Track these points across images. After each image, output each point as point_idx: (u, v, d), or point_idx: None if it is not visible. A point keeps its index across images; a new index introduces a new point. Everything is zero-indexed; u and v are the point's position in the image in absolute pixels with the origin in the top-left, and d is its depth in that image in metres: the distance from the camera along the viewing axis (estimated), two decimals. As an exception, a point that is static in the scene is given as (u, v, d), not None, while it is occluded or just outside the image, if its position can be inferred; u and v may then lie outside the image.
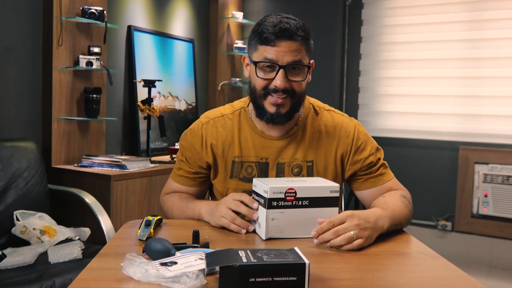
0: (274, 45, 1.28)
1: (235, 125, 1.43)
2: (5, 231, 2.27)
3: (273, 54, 1.28)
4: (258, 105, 1.36)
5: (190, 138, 1.47)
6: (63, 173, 2.81)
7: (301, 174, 1.40)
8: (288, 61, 1.29)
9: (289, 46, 1.28)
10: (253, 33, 1.33)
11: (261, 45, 1.30)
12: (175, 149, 3.39)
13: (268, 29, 1.27)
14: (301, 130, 1.42)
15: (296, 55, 1.29)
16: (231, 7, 4.35)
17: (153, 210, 2.90)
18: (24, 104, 2.81)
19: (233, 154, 1.42)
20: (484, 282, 3.29)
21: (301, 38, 1.29)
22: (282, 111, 1.33)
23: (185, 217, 1.42)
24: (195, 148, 1.45)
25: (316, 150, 1.41)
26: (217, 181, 1.46)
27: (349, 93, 4.23)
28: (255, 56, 1.33)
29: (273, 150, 1.40)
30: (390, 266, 1.05)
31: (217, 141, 1.43)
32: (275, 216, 1.18)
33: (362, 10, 4.15)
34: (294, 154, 1.40)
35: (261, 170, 1.40)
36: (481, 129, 3.71)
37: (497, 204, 3.57)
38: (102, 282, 0.90)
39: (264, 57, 1.29)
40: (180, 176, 1.50)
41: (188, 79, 4.03)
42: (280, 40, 1.27)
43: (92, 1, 3.01)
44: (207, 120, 1.46)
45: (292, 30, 1.27)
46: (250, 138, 1.41)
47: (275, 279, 0.84)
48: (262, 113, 1.35)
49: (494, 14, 3.65)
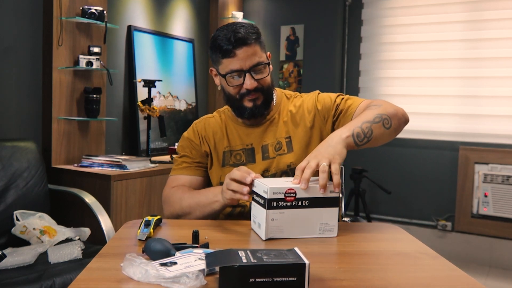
0: (234, 56, 1.43)
1: (222, 122, 1.61)
2: (5, 231, 2.27)
3: (237, 64, 1.43)
4: (237, 106, 1.51)
5: (187, 136, 1.62)
6: (63, 173, 2.81)
7: (281, 149, 1.53)
8: (250, 65, 1.44)
9: (246, 51, 1.43)
10: (212, 49, 1.48)
11: (223, 59, 1.45)
12: (175, 149, 3.39)
13: (225, 42, 1.42)
14: (277, 114, 1.57)
15: (254, 57, 1.44)
16: (231, 7, 4.35)
17: (153, 210, 2.90)
18: (24, 104, 2.81)
19: (223, 145, 1.57)
20: (484, 282, 3.29)
21: (254, 40, 1.44)
22: (258, 103, 1.49)
23: (196, 203, 1.42)
24: (194, 142, 1.59)
25: (292, 127, 1.55)
26: (212, 171, 1.58)
27: (349, 93, 4.23)
28: (221, 69, 1.48)
29: (256, 135, 1.55)
30: (390, 266, 1.05)
31: (209, 135, 1.59)
32: (275, 216, 1.18)
33: (362, 10, 4.15)
34: (274, 134, 1.55)
35: (248, 155, 1.55)
36: (481, 129, 3.72)
37: (497, 204, 3.57)
38: (102, 282, 0.90)
39: (230, 69, 1.45)
40: (184, 168, 1.58)
41: (188, 79, 4.03)
42: (237, 49, 1.42)
43: (92, 1, 3.01)
44: (199, 120, 1.65)
45: (244, 37, 1.42)
46: (235, 130, 1.58)
47: (275, 279, 0.84)
48: (243, 112, 1.51)
49: (494, 14, 3.65)
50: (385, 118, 1.37)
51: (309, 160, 1.23)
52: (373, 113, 1.37)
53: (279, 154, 1.51)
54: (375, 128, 1.34)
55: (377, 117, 1.36)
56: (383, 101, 1.45)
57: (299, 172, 1.21)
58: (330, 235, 1.23)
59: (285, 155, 1.51)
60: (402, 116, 1.43)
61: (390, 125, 1.38)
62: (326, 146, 1.26)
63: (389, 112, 1.39)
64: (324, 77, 4.18)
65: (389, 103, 1.44)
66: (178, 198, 1.48)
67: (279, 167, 1.50)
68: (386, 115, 1.37)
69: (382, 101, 1.45)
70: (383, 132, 1.36)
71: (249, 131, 1.56)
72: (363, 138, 1.32)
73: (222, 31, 1.45)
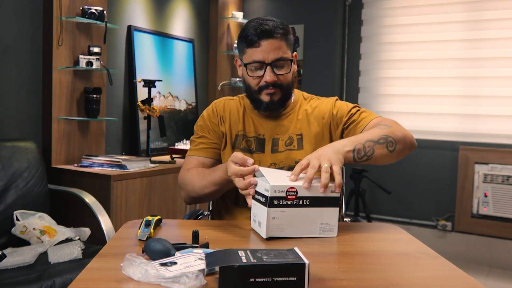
0: (258, 46, 1.46)
1: (240, 106, 1.64)
2: (5, 231, 2.27)
3: (259, 55, 1.47)
4: (254, 98, 1.55)
5: (206, 115, 1.64)
6: (63, 173, 2.81)
7: (292, 144, 1.57)
8: (272, 59, 1.47)
9: (271, 44, 1.46)
10: (239, 38, 1.52)
11: (248, 48, 1.49)
12: (175, 149, 3.39)
13: (251, 32, 1.46)
14: (292, 111, 1.61)
15: (278, 52, 1.47)
16: (231, 7, 4.35)
17: (153, 210, 2.90)
18: (24, 104, 2.81)
19: (237, 129, 1.60)
20: (484, 282, 3.29)
21: (281, 35, 1.47)
22: (275, 98, 1.53)
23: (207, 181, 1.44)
24: (212, 121, 1.62)
25: (305, 125, 1.58)
26: (225, 152, 1.61)
27: (349, 93, 4.23)
28: (244, 58, 1.52)
29: (269, 127, 1.59)
30: (390, 266, 1.05)
31: (226, 116, 1.62)
32: (275, 215, 1.18)
33: (362, 10, 4.15)
34: (287, 130, 1.59)
35: (258, 144, 1.58)
36: (481, 129, 3.71)
37: (497, 204, 3.57)
38: (102, 282, 0.90)
39: (253, 60, 1.48)
40: (201, 149, 1.60)
41: (188, 79, 4.03)
42: (263, 40, 1.45)
43: (92, 1, 3.01)
44: (219, 100, 1.67)
45: (271, 29, 1.45)
46: (251, 117, 1.61)
47: (275, 279, 0.84)
48: (259, 104, 1.54)
49: (494, 14, 3.65)
50: (390, 141, 1.38)
51: (309, 159, 1.24)
52: (380, 133, 1.38)
53: (289, 149, 1.55)
54: (377, 149, 1.35)
55: (382, 138, 1.37)
56: (394, 123, 1.47)
57: (298, 169, 1.22)
58: (330, 235, 1.23)
59: (294, 151, 1.55)
60: (409, 141, 1.44)
61: (394, 149, 1.39)
62: (328, 149, 1.28)
63: (397, 135, 1.40)
64: (324, 77, 4.18)
65: (399, 126, 1.45)
66: (190, 179, 1.51)
67: (287, 162, 1.53)
68: (392, 137, 1.39)
69: (393, 122, 1.46)
70: (385, 154, 1.37)
71: (263, 121, 1.60)
72: (363, 155, 1.33)
73: (252, 22, 1.49)
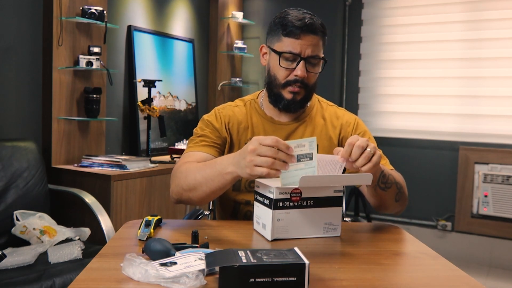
0: (298, 38, 1.39)
1: (247, 112, 1.55)
2: (5, 231, 2.27)
3: (298, 47, 1.39)
4: (275, 92, 1.47)
5: (207, 119, 1.54)
6: (63, 173, 2.81)
7: None
8: (309, 54, 1.41)
9: (311, 40, 1.40)
10: (277, 25, 1.43)
11: (286, 37, 1.40)
12: (175, 149, 3.39)
13: (294, 23, 1.38)
14: (308, 117, 1.55)
15: (316, 49, 1.41)
16: (231, 7, 4.35)
17: (153, 210, 2.90)
18: (24, 104, 2.81)
19: (246, 136, 1.52)
20: (484, 282, 3.29)
21: (321, 34, 1.43)
22: (297, 98, 1.46)
23: (202, 176, 1.26)
24: (214, 126, 1.52)
25: (320, 135, 1.53)
26: None
27: (349, 93, 4.23)
28: (278, 46, 1.43)
29: (282, 133, 1.51)
30: (390, 266, 1.05)
31: (232, 123, 1.53)
32: (280, 216, 1.17)
33: (362, 10, 4.15)
34: (300, 137, 1.51)
35: None
36: (481, 129, 3.71)
37: (497, 204, 3.57)
38: (102, 282, 0.90)
39: (289, 50, 1.40)
40: (202, 146, 1.47)
41: (188, 79, 4.03)
42: (304, 33, 1.39)
43: (92, 1, 3.01)
44: (223, 107, 1.58)
45: (315, 26, 1.40)
46: (261, 124, 1.53)
47: (275, 279, 0.84)
48: (279, 100, 1.47)
49: (494, 14, 3.65)
50: (402, 192, 1.40)
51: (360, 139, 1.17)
52: (401, 181, 1.40)
53: None
54: (392, 189, 1.35)
55: (399, 185, 1.38)
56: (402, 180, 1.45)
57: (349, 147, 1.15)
58: (334, 235, 1.23)
59: None
60: (404, 205, 1.46)
61: (397, 200, 1.40)
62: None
63: (405, 194, 1.43)
64: (324, 77, 4.16)
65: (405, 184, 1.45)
66: (184, 171, 1.34)
67: None
68: (403, 192, 1.41)
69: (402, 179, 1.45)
70: (392, 198, 1.38)
71: (276, 128, 1.52)
72: (385, 182, 1.32)
73: (294, 11, 1.42)
